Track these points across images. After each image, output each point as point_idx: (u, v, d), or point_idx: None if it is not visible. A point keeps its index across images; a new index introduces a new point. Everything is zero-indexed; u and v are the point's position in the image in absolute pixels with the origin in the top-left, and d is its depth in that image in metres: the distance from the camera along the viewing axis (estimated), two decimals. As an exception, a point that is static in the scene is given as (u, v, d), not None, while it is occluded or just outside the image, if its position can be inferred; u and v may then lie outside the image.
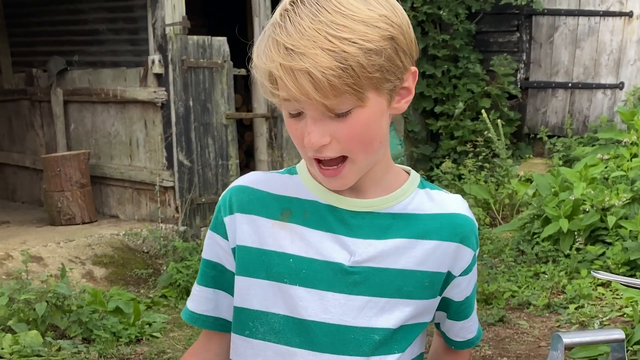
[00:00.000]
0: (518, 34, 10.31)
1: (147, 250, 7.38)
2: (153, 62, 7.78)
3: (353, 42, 1.40)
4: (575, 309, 5.98)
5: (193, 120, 7.90)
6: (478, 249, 1.67)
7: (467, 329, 1.74)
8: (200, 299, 1.68)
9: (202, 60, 7.93)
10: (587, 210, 6.75)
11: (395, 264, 1.57)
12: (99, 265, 6.95)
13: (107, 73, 8.47)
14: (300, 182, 1.61)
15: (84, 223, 8.10)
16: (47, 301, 5.44)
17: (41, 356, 5.07)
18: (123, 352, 5.44)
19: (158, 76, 7.81)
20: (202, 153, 7.95)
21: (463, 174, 8.73)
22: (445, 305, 1.68)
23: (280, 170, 1.67)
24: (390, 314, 1.57)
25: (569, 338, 1.95)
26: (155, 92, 7.78)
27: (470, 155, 9.16)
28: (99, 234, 7.48)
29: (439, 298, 1.65)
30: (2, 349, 5.10)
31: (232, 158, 8.15)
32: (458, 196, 1.68)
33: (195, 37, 7.93)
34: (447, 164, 9.14)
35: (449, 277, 1.63)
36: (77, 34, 9.03)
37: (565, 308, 6.05)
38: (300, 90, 1.40)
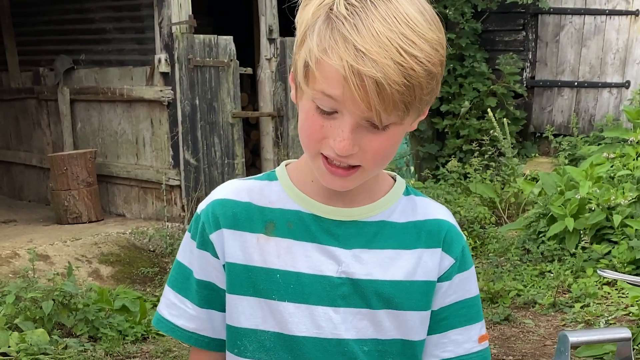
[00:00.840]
0: (524, 33, 10.30)
1: (153, 248, 7.39)
2: (159, 61, 7.80)
3: (420, 62, 1.37)
4: (581, 307, 5.98)
5: (199, 119, 7.91)
6: (468, 264, 1.62)
7: (440, 345, 1.62)
8: (193, 318, 1.62)
9: (208, 59, 7.94)
10: (593, 209, 6.75)
11: (384, 275, 1.53)
12: (105, 264, 6.97)
13: (113, 72, 8.49)
14: (281, 190, 1.57)
15: (90, 222, 8.12)
16: (53, 299, 5.45)
17: (48, 354, 5.08)
18: (129, 351, 5.45)
19: (164, 75, 7.83)
20: (208, 152, 7.96)
21: (469, 173, 8.73)
22: None
23: (259, 176, 1.62)
24: (379, 325, 1.54)
25: (575, 337, 1.95)
26: (161, 91, 7.79)
27: (476, 154, 9.16)
28: (105, 233, 7.50)
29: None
30: (9, 347, 5.11)
31: (238, 157, 8.16)
32: (442, 206, 1.65)
33: (201, 36, 7.95)
34: (453, 163, 9.13)
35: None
36: (83, 33, 9.05)
37: (571, 307, 6.05)
38: (363, 96, 1.35)
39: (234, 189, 1.59)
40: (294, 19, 1.49)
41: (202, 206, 1.59)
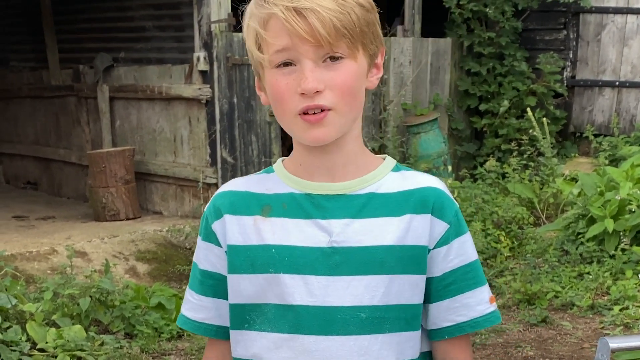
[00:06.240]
0: (565, 32, 10.20)
1: (189, 246, 7.42)
2: (198, 59, 7.82)
3: None
4: (620, 310, 5.91)
5: (237, 118, 7.92)
6: (463, 228, 1.68)
7: (454, 310, 1.68)
8: (199, 307, 1.74)
9: (246, 57, 7.89)
10: (633, 210, 6.66)
11: (374, 240, 1.61)
12: (142, 261, 7.00)
13: (152, 70, 8.53)
14: (277, 178, 1.69)
15: (127, 219, 8.17)
16: (90, 296, 5.49)
17: (84, 350, 5.11)
18: (164, 348, 5.47)
19: (203, 73, 7.84)
20: (245, 150, 7.98)
21: (507, 173, 8.66)
22: (427, 286, 1.67)
23: (259, 172, 1.76)
24: (375, 290, 1.61)
25: (616, 343, 1.91)
26: (200, 89, 7.82)
27: (514, 153, 9.08)
28: (142, 230, 7.53)
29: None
30: (47, 342, 5.15)
31: (275, 155, 8.16)
32: (432, 176, 1.72)
33: (240, 34, 7.95)
34: (491, 163, 9.07)
35: (428, 252, 1.65)
36: (123, 31, 9.11)
37: (610, 309, 5.98)
38: (307, 29, 1.50)
39: (233, 184, 1.74)
40: None
41: (208, 204, 1.74)
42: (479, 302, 1.69)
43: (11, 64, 10.85)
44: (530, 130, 9.00)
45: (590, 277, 6.46)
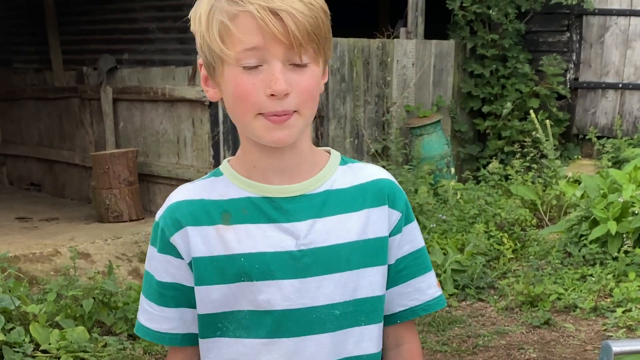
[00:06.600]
0: (568, 34, 10.20)
1: (193, 247, 7.41)
2: (201, 61, 7.81)
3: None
4: (623, 312, 5.91)
5: (240, 119, 7.92)
6: (411, 216, 1.74)
7: (406, 295, 1.75)
8: (162, 319, 1.72)
9: (249, 59, 7.94)
10: (636, 212, 6.67)
11: (338, 238, 1.65)
12: (145, 263, 7.00)
13: (156, 72, 8.54)
14: (228, 182, 1.67)
15: (131, 220, 8.18)
16: (94, 298, 5.50)
17: (87, 352, 5.12)
18: (167, 349, 5.46)
19: (206, 75, 7.83)
20: (248, 152, 7.97)
21: (510, 175, 8.67)
22: None
23: (205, 176, 1.74)
24: (345, 287, 1.65)
25: (619, 347, 1.90)
26: (203, 90, 7.80)
27: (517, 155, 9.09)
28: (145, 232, 7.54)
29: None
30: (50, 344, 5.16)
31: (278, 157, 8.16)
32: (378, 167, 1.77)
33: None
34: (494, 165, 9.06)
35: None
36: (127, 33, 9.11)
37: (613, 312, 5.98)
38: (282, 31, 1.50)
39: (186, 192, 1.69)
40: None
41: (159, 214, 1.69)
42: (429, 286, 1.77)
43: (15, 66, 10.85)
44: (533, 132, 9.00)
45: (593, 279, 6.46)
